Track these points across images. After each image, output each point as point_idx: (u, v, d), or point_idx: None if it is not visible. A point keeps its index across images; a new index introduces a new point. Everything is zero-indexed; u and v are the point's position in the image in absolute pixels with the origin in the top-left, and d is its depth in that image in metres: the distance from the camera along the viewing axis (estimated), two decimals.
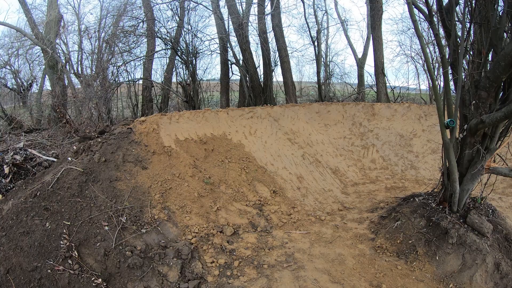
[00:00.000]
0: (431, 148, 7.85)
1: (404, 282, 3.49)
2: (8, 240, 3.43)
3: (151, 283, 3.38)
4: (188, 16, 11.21)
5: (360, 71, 15.05)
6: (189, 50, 10.99)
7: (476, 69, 3.57)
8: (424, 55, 3.92)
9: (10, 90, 12.92)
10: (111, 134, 5.00)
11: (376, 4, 11.66)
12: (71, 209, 3.78)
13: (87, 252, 3.51)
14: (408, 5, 3.46)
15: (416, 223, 4.04)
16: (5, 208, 3.83)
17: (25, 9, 10.55)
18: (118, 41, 11.07)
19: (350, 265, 3.82)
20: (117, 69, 11.11)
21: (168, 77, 11.98)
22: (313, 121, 7.87)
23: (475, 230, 3.70)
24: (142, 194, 4.30)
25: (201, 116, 5.87)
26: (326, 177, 6.62)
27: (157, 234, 3.95)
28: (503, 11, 3.23)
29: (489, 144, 3.69)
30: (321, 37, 14.19)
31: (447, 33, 3.81)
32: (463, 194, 3.90)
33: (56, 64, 10.58)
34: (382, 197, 5.97)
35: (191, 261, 3.74)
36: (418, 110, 8.67)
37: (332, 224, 4.91)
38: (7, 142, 7.14)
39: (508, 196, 5.94)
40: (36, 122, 10.95)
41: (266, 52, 12.06)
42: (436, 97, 3.87)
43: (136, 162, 4.61)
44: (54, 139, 7.95)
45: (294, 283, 3.49)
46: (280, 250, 4.19)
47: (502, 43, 3.30)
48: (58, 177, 4.06)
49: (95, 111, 9.63)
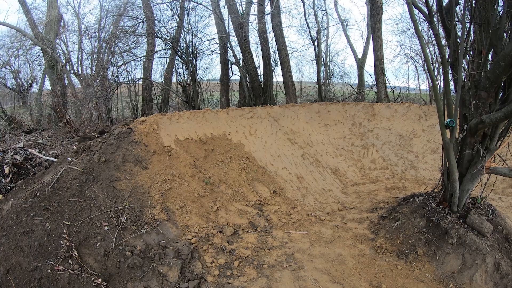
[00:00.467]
0: (431, 148, 7.85)
1: (404, 282, 3.49)
2: (8, 240, 3.43)
3: (151, 283, 3.38)
4: (188, 16, 11.23)
5: (360, 71, 15.04)
6: (189, 50, 10.99)
7: (476, 69, 3.57)
8: (424, 55, 3.92)
9: (10, 90, 12.93)
10: (111, 134, 5.00)
11: (376, 4, 11.66)
12: (71, 209, 3.78)
13: (87, 252, 3.51)
14: (408, 5, 3.46)
15: (416, 223, 4.04)
16: (5, 208, 3.83)
17: (25, 9, 10.56)
18: (118, 41, 11.07)
19: (350, 265, 3.82)
20: (117, 69, 11.12)
21: (168, 77, 11.98)
22: (313, 121, 7.87)
23: (475, 230, 3.70)
24: (142, 194, 4.30)
25: (201, 116, 5.87)
26: (326, 177, 6.62)
27: (157, 234, 3.95)
28: (503, 11, 3.23)
29: (489, 144, 3.69)
30: (321, 37, 14.19)
31: (447, 33, 3.81)
32: (463, 194, 3.90)
33: (56, 64, 10.58)
34: (382, 197, 5.97)
35: (191, 261, 3.74)
36: (418, 110, 8.67)
37: (332, 224, 4.91)
38: (7, 142, 7.14)
39: (508, 196, 5.94)
40: (36, 122, 10.95)
41: (266, 52, 12.06)
42: (436, 97, 3.87)
43: (136, 162, 4.61)
44: (54, 139, 7.95)
45: (294, 283, 3.49)
46: (280, 250, 4.19)
47: (502, 43, 3.30)
48: (58, 177, 4.06)
49: (95, 111, 9.62)
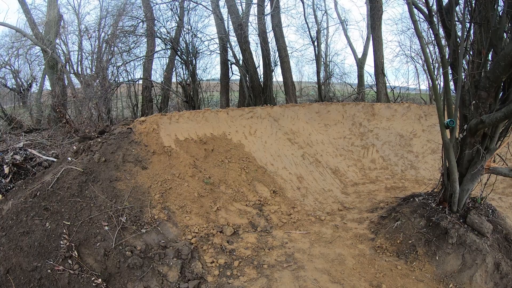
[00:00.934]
0: (431, 148, 7.85)
1: (404, 282, 3.49)
2: (8, 240, 3.43)
3: (151, 283, 3.38)
4: (187, 16, 11.23)
5: (360, 71, 15.05)
6: (189, 50, 11.00)
7: (476, 69, 3.57)
8: (424, 55, 3.92)
9: (10, 90, 12.93)
10: (111, 134, 5.00)
11: (376, 4, 11.66)
12: (71, 209, 3.77)
13: (87, 252, 3.51)
14: (408, 5, 3.46)
15: (416, 223, 4.04)
16: (5, 208, 3.83)
17: (25, 9, 10.55)
18: (118, 41, 11.07)
19: (350, 265, 3.82)
20: (117, 69, 11.11)
21: (168, 77, 11.98)
22: (313, 121, 7.86)
23: (475, 230, 3.70)
24: (142, 194, 4.30)
25: (201, 116, 5.87)
26: (326, 177, 6.62)
27: (157, 234, 3.95)
28: (503, 11, 3.23)
29: (489, 144, 3.69)
30: (320, 37, 14.19)
31: (447, 33, 3.81)
32: (463, 194, 3.90)
33: (56, 64, 10.57)
34: (382, 197, 5.97)
35: (191, 261, 3.74)
36: (418, 110, 8.67)
37: (332, 224, 4.91)
38: (7, 142, 7.14)
39: (508, 196, 5.94)
40: (36, 122, 10.94)
41: (266, 52, 12.05)
42: (436, 97, 3.87)
43: (136, 162, 4.61)
44: (54, 139, 7.95)
45: (294, 283, 3.49)
46: (280, 250, 4.19)
47: (502, 43, 3.30)
48: (58, 177, 4.05)
49: (95, 111, 9.62)
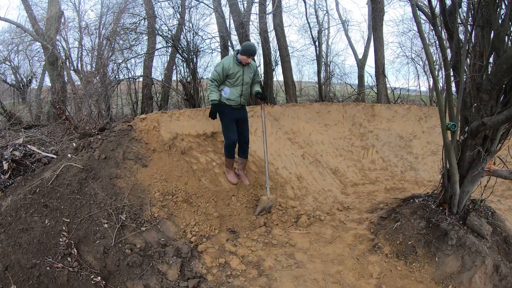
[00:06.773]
0: (431, 150, 7.87)
1: (403, 283, 3.50)
2: (7, 237, 3.42)
3: (150, 281, 3.38)
4: (189, 14, 11.19)
5: (360, 72, 15.03)
6: (190, 48, 10.95)
7: (478, 71, 3.57)
8: (427, 57, 3.92)
9: (10, 86, 12.89)
10: (111, 131, 4.99)
11: (377, 5, 11.65)
12: (70, 206, 3.76)
13: (86, 250, 3.50)
14: (412, 6, 3.45)
15: (415, 224, 4.05)
16: (4, 204, 3.81)
17: (26, 5, 10.50)
18: (119, 38, 11.03)
19: (350, 265, 3.82)
20: (117, 66, 11.07)
21: (168, 75, 11.94)
22: (313, 121, 7.86)
23: (474, 232, 3.71)
24: (142, 192, 4.29)
25: (202, 114, 5.85)
26: (326, 177, 6.62)
27: (156, 232, 3.95)
28: (505, 14, 3.23)
29: (490, 146, 3.70)
30: (322, 37, 14.16)
31: (450, 35, 3.82)
32: (463, 196, 3.91)
33: (56, 61, 10.52)
34: (381, 197, 5.98)
35: (190, 259, 3.74)
36: (418, 111, 8.68)
37: (332, 224, 4.91)
38: (6, 138, 7.11)
39: (507, 199, 5.96)
40: (36, 119, 10.91)
41: (267, 51, 12.03)
42: (438, 99, 3.87)
43: (136, 160, 4.60)
44: (54, 135, 7.92)
45: (294, 283, 3.49)
46: (280, 249, 4.19)
47: (504, 46, 3.30)
48: (58, 174, 4.04)
49: (95, 108, 9.59)
